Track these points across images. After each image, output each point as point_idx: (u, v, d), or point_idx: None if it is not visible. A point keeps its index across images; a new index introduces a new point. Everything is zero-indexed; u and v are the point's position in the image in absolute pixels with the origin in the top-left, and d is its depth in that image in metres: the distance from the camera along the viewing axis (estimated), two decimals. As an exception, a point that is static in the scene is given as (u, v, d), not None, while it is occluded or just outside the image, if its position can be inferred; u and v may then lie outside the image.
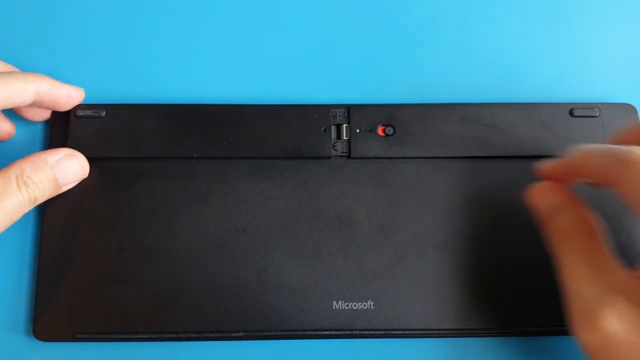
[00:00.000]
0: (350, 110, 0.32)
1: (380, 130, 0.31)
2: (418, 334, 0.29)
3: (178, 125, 0.31)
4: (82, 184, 0.30)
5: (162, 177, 0.31)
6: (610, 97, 0.33)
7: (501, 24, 0.35)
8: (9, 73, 0.28)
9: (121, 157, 0.31)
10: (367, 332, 0.29)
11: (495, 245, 0.30)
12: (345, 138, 0.31)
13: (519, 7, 0.35)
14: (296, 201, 0.31)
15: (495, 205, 0.31)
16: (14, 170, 0.27)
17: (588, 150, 0.26)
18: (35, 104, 0.30)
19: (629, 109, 0.32)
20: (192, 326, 0.29)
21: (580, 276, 0.24)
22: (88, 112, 0.31)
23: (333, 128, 0.32)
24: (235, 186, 0.31)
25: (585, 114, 0.32)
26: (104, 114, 0.31)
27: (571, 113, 0.32)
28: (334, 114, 0.32)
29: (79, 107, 0.31)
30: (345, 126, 0.31)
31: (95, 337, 0.29)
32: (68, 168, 0.29)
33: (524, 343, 0.30)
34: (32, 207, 0.27)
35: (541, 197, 0.27)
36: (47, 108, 0.31)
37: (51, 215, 0.30)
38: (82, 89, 0.31)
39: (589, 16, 0.35)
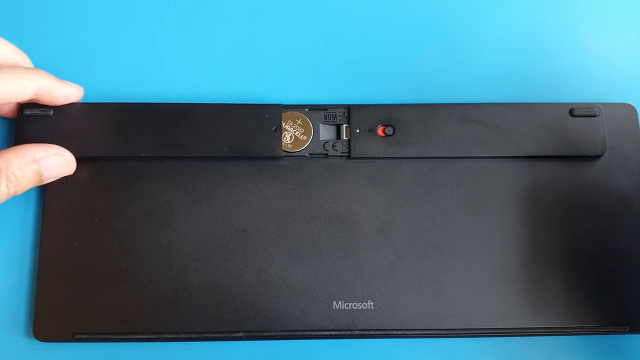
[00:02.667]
0: (350, 110, 0.32)
1: (380, 130, 0.31)
2: (418, 334, 0.29)
3: (127, 124, 0.30)
4: (83, 184, 0.30)
5: (163, 177, 0.31)
6: (610, 97, 0.33)
7: (501, 24, 0.35)
8: (12, 69, 0.28)
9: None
10: (367, 332, 0.29)
11: (495, 245, 0.30)
12: (345, 138, 0.31)
13: (519, 7, 0.35)
14: (296, 201, 0.31)
15: (495, 205, 0.31)
16: (1, 164, 0.27)
17: None
18: (33, 100, 0.29)
19: (629, 109, 0.32)
20: (192, 326, 0.29)
21: None
22: (36, 111, 0.30)
23: (333, 128, 0.32)
24: (235, 186, 0.31)
25: (585, 113, 0.32)
26: (52, 113, 0.30)
27: (571, 113, 0.32)
28: (334, 114, 0.32)
29: (26, 105, 0.30)
30: (345, 126, 0.31)
31: (95, 337, 0.29)
32: (54, 166, 0.29)
33: (524, 343, 0.30)
34: (9, 198, 0.28)
35: None
36: (44, 104, 0.30)
37: (51, 215, 0.30)
38: (81, 88, 0.31)
39: (589, 16, 0.35)
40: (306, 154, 0.31)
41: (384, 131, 0.31)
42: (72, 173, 0.30)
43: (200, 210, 0.30)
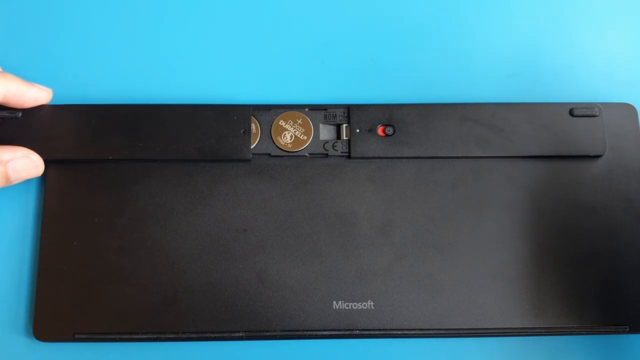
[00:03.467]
0: (350, 110, 0.32)
1: (380, 130, 0.31)
2: (418, 334, 0.29)
3: (95, 126, 0.30)
4: (82, 183, 0.30)
5: (162, 177, 0.31)
6: (610, 97, 0.33)
7: (501, 24, 0.35)
8: None
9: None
10: (367, 332, 0.29)
11: (495, 244, 0.30)
12: (345, 138, 0.31)
13: (519, 8, 0.35)
14: (296, 201, 0.31)
15: (495, 205, 0.31)
16: None
17: None
18: (1, 103, 0.29)
19: (629, 109, 0.32)
20: (192, 326, 0.29)
21: None
22: (4, 114, 0.30)
23: (333, 128, 0.32)
24: (235, 186, 0.31)
25: (585, 113, 0.32)
26: (20, 115, 0.30)
27: (571, 113, 0.32)
28: (334, 114, 0.32)
29: None
30: (345, 126, 0.31)
31: (95, 337, 0.29)
32: (22, 168, 0.29)
33: (524, 343, 0.30)
34: None
35: None
36: (12, 106, 0.30)
37: (51, 215, 0.30)
38: (50, 90, 0.31)
39: (589, 16, 0.35)
40: (306, 154, 0.31)
41: (384, 131, 0.31)
42: (39, 175, 0.30)
43: (200, 210, 0.30)
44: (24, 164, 0.29)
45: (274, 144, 0.31)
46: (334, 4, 0.35)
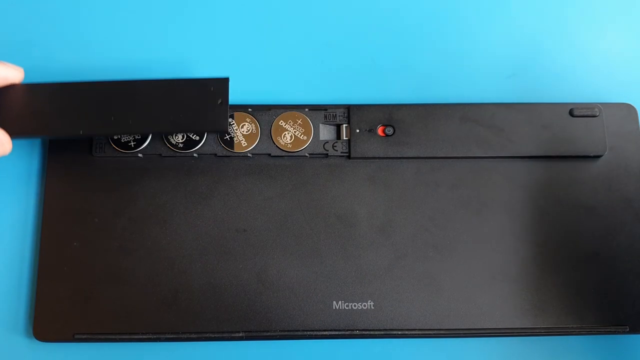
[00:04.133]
0: (350, 110, 0.32)
1: (380, 130, 0.31)
2: (418, 334, 0.29)
3: (68, 103, 0.29)
4: (83, 183, 0.30)
5: (162, 177, 0.31)
6: (610, 97, 0.33)
7: (501, 24, 0.35)
8: None
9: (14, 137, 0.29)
10: (367, 332, 0.29)
11: (495, 244, 0.30)
12: (345, 138, 0.31)
13: (519, 8, 0.35)
14: (296, 201, 0.31)
15: (495, 205, 0.31)
16: None
17: None
18: None
19: (629, 109, 0.32)
20: (192, 326, 0.29)
21: None
22: None
23: (333, 128, 0.32)
24: (235, 186, 0.31)
25: (585, 113, 0.32)
26: None
27: (571, 113, 0.32)
28: (334, 114, 0.32)
29: None
30: (345, 126, 0.31)
31: (95, 337, 0.29)
32: None
33: (524, 343, 0.30)
34: None
35: None
36: None
37: (51, 215, 0.30)
38: (21, 69, 0.30)
39: (589, 16, 0.35)
40: (306, 154, 0.31)
41: (384, 131, 0.31)
42: (7, 154, 0.29)
43: (200, 210, 0.30)
44: None
45: (274, 144, 0.31)
46: (334, 4, 0.35)
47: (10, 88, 0.29)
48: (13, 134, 0.29)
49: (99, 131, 0.29)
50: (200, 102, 0.29)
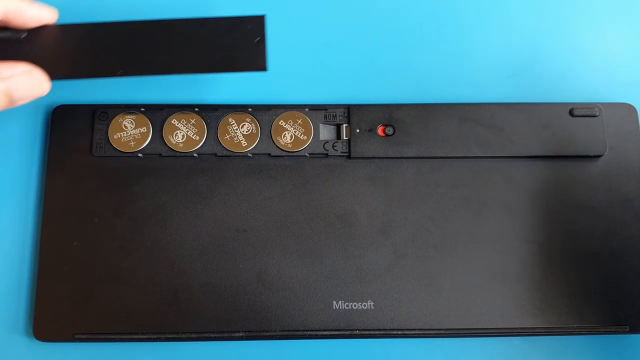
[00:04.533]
0: (350, 110, 0.32)
1: (380, 130, 0.31)
2: (418, 334, 0.29)
3: (102, 44, 0.29)
4: (83, 183, 0.30)
5: (163, 177, 0.31)
6: (610, 97, 0.33)
7: (501, 24, 0.35)
8: None
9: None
10: (367, 332, 0.29)
11: (495, 244, 0.30)
12: (345, 138, 0.31)
13: (519, 8, 0.35)
14: (296, 201, 0.31)
15: (495, 205, 0.31)
16: None
17: None
18: (3, 23, 0.28)
19: (629, 109, 0.32)
20: (192, 326, 0.29)
21: None
22: (7, 34, 0.29)
23: (333, 128, 0.32)
24: (235, 186, 0.31)
25: (585, 113, 0.32)
26: (23, 36, 0.29)
27: (571, 113, 0.32)
28: (334, 114, 0.32)
29: None
30: (345, 126, 0.31)
31: (95, 337, 0.29)
32: (24, 85, 0.27)
33: (524, 343, 0.30)
34: None
35: None
36: (15, 27, 0.29)
37: (51, 215, 0.30)
38: (55, 9, 0.29)
39: (589, 16, 0.35)
40: (306, 154, 0.31)
41: (384, 131, 0.31)
42: (44, 94, 0.28)
43: (200, 210, 0.30)
44: (27, 80, 0.27)
45: (274, 144, 0.31)
46: (334, 4, 0.35)
47: (44, 29, 0.29)
48: (49, 75, 0.28)
49: (137, 72, 0.28)
50: (237, 41, 0.28)
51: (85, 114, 0.31)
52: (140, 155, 0.31)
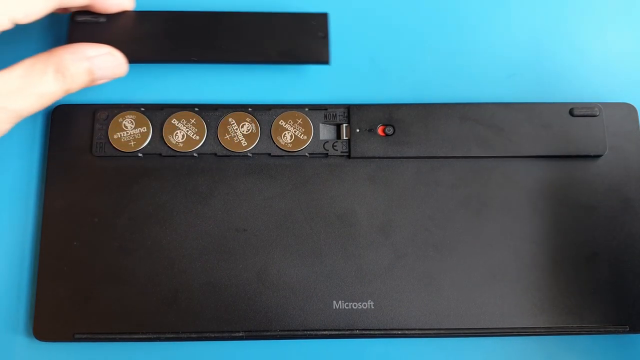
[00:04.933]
0: (350, 110, 0.32)
1: (380, 130, 0.31)
2: (418, 334, 0.29)
3: (176, 31, 0.31)
4: (83, 183, 0.30)
5: (163, 177, 0.31)
6: (610, 97, 0.33)
7: (501, 24, 0.35)
8: None
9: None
10: (367, 332, 0.29)
11: (495, 244, 0.30)
12: (345, 138, 0.31)
13: (519, 7, 0.35)
14: (296, 201, 0.31)
15: (495, 205, 0.31)
16: (53, 60, 0.27)
17: None
18: (86, 7, 0.30)
19: (629, 108, 0.32)
20: (192, 326, 0.29)
21: None
22: (87, 18, 0.31)
23: (333, 128, 0.32)
24: (235, 186, 0.31)
25: (585, 113, 0.32)
26: (103, 20, 0.31)
27: (571, 113, 0.32)
28: (334, 113, 0.32)
29: (79, 12, 0.31)
30: (345, 126, 0.31)
31: (95, 337, 0.29)
32: (106, 65, 0.29)
33: (524, 343, 0.30)
34: (64, 95, 0.28)
35: None
36: (97, 11, 0.31)
37: (51, 215, 0.30)
38: None
39: (589, 16, 0.35)
40: (306, 154, 0.31)
41: (384, 131, 0.31)
42: (123, 75, 0.30)
43: (200, 210, 0.30)
44: (108, 61, 0.29)
45: (274, 143, 0.31)
46: (334, 4, 0.35)
47: (123, 14, 0.31)
48: (128, 58, 0.30)
49: (210, 58, 0.31)
50: (302, 35, 0.31)
51: (85, 114, 0.31)
52: (140, 155, 0.31)
